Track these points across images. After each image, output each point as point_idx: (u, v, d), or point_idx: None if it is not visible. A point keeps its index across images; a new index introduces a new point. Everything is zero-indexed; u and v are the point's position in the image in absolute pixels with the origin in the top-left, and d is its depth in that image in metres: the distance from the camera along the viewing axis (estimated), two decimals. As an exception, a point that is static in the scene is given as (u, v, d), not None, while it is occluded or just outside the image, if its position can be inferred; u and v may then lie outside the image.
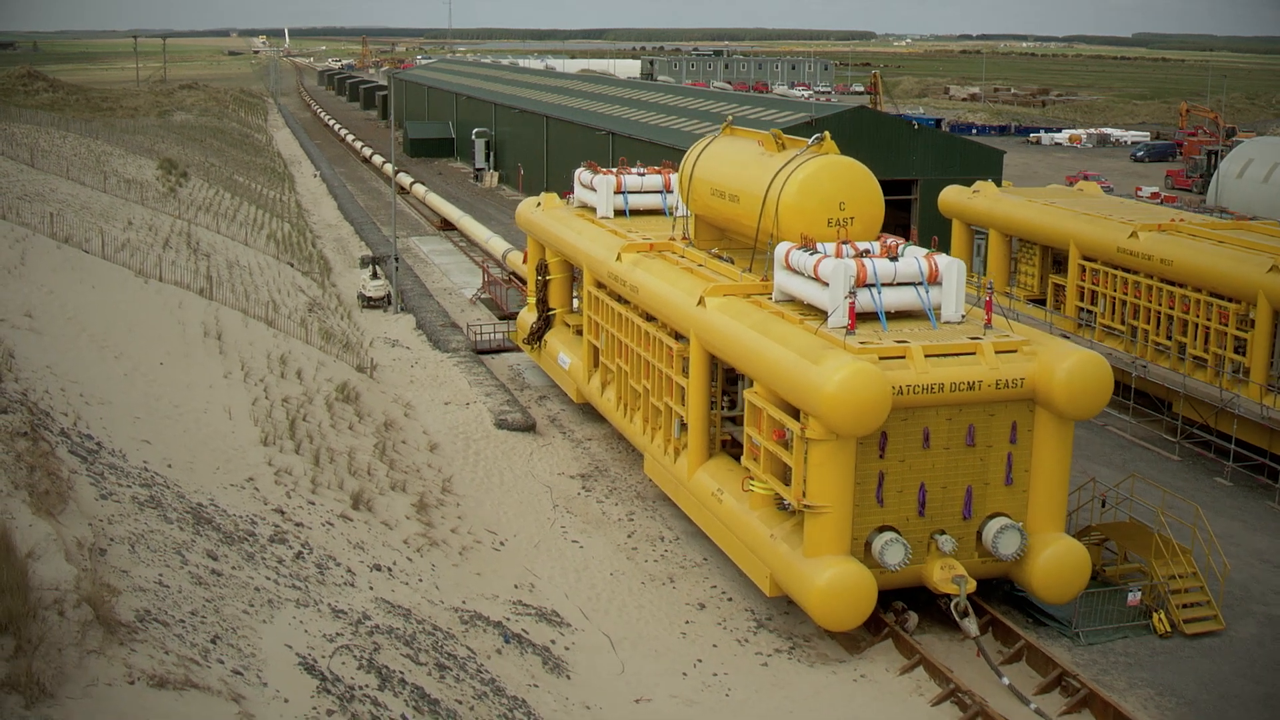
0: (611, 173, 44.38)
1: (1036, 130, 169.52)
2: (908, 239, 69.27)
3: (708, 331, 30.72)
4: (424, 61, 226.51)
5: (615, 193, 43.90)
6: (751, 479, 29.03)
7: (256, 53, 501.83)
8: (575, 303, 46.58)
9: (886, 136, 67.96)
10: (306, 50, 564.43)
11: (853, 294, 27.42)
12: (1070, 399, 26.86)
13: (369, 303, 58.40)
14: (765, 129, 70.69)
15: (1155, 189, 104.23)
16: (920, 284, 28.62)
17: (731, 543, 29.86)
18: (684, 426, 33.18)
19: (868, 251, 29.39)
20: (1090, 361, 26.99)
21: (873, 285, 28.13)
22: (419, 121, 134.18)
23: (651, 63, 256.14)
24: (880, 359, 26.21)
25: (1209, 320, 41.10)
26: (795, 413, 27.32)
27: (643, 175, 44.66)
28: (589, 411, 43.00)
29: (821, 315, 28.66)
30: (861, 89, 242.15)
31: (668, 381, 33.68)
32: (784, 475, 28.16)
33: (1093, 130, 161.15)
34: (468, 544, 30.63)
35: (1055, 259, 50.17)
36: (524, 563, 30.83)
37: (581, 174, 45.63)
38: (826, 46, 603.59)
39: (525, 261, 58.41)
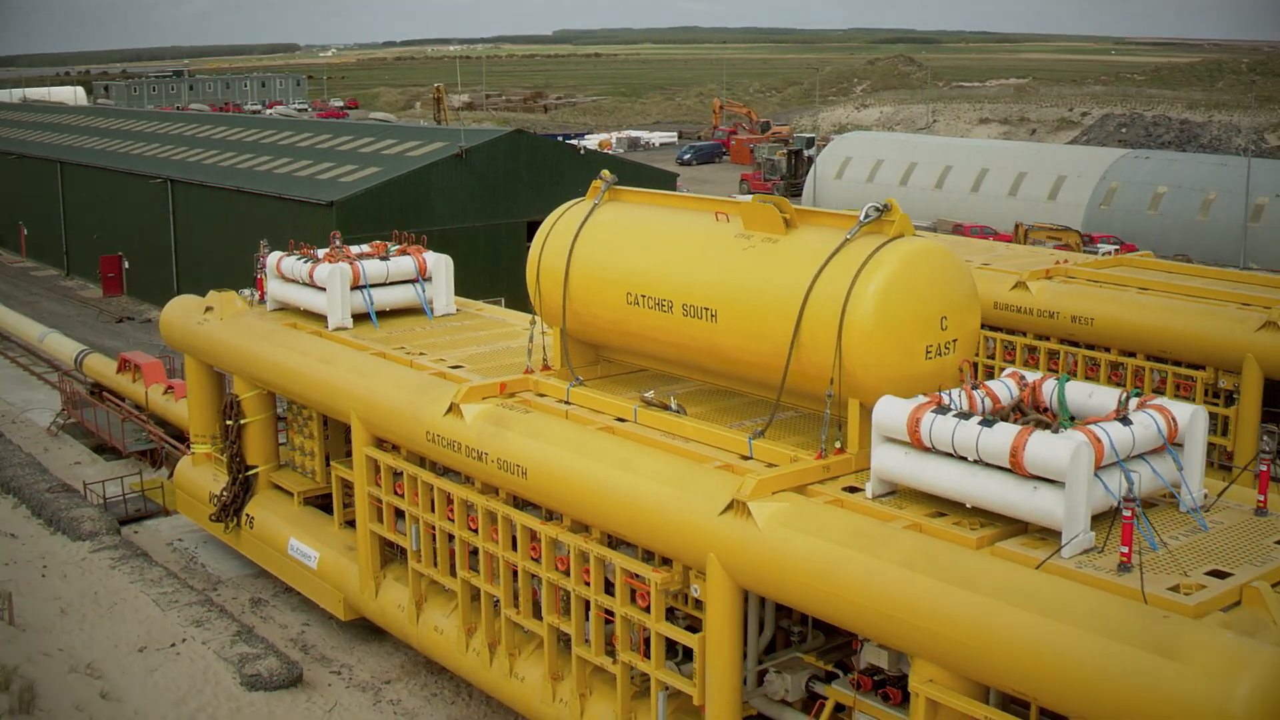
0: (342, 259, 29.83)
1: (554, 137, 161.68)
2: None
3: (765, 565, 17.51)
4: None
5: (353, 287, 29.55)
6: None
7: None
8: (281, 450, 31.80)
9: (549, 165, 55.89)
10: None
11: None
12: None
13: (-96, 458, 40.01)
14: (400, 164, 56.43)
15: (750, 196, 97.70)
16: (1163, 451, 16.92)
17: None
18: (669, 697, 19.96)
19: (1021, 407, 17.60)
20: None
21: (1113, 465, 16.18)
22: None
23: (106, 88, 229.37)
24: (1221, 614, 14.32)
25: (1158, 391, 31.98)
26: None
27: (387, 260, 30.45)
28: (360, 626, 28.38)
29: (1000, 525, 16.49)
30: (341, 103, 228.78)
31: (625, 627, 20.24)
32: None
33: (620, 134, 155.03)
34: None
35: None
36: None
37: (282, 261, 30.71)
38: (252, 61, 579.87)
39: (122, 371, 42.27)
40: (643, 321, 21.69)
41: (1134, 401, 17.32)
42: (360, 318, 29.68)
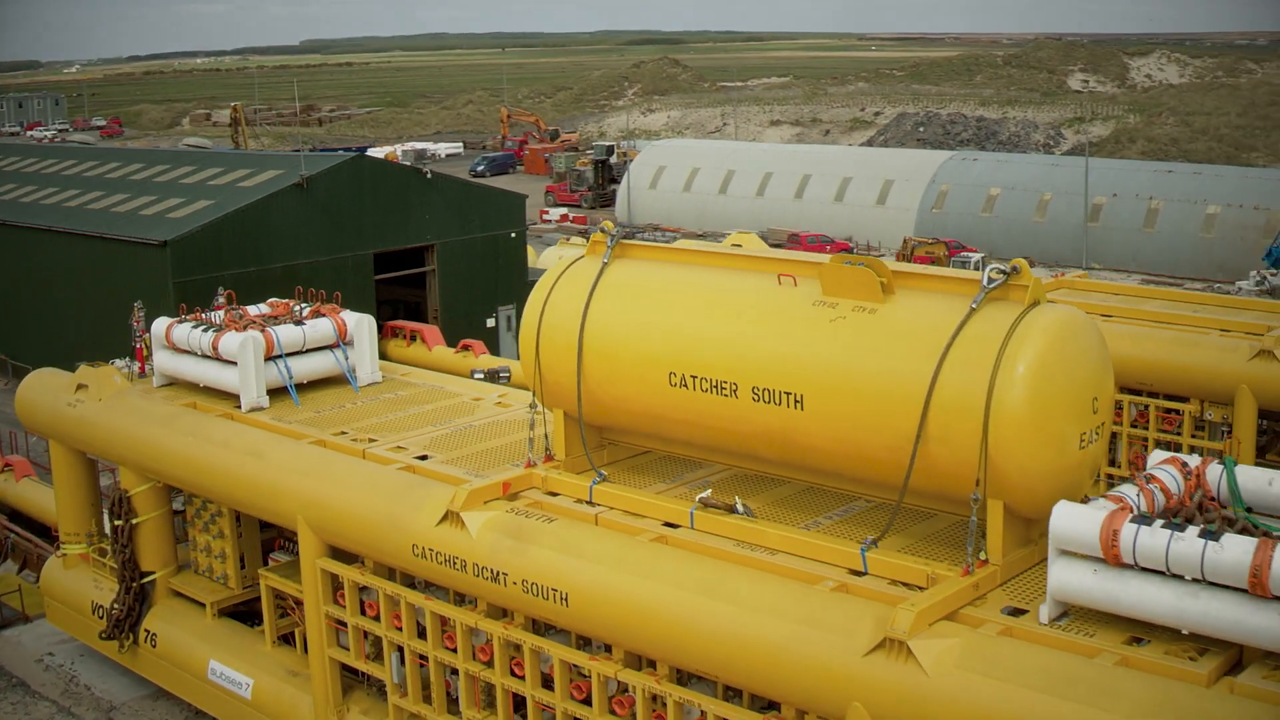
0: (249, 325, 25.55)
1: (334, 151, 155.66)
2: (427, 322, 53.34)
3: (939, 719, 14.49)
4: None
5: (267, 358, 25.36)
6: None
7: None
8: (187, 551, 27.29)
9: (394, 193, 51.61)
10: None
11: None
12: None
13: None
14: (235, 196, 50.48)
15: (564, 210, 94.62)
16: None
17: None
18: None
19: (1205, 504, 15.13)
20: None
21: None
22: None
23: None
24: None
25: (1136, 426, 30.18)
26: None
27: (302, 324, 26.31)
28: (304, 758, 24.23)
29: (1215, 651, 13.86)
30: (104, 121, 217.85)
31: (712, 780, 16.87)
32: None
33: (404, 146, 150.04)
34: None
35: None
36: None
37: (174, 329, 26.28)
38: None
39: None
40: (694, 408, 18.28)
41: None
42: (274, 392, 25.52)
